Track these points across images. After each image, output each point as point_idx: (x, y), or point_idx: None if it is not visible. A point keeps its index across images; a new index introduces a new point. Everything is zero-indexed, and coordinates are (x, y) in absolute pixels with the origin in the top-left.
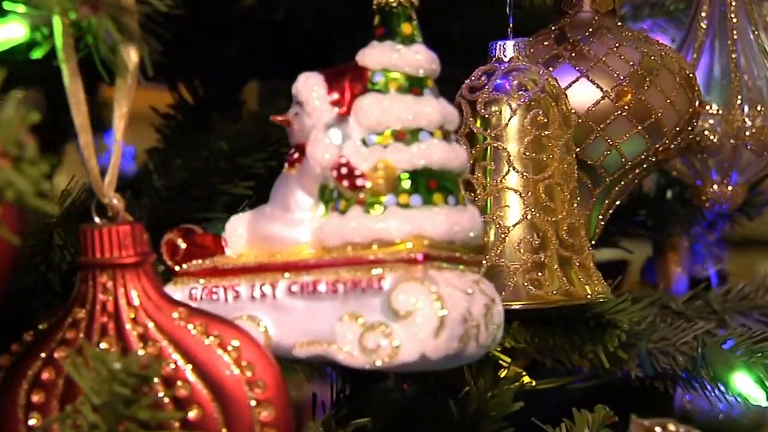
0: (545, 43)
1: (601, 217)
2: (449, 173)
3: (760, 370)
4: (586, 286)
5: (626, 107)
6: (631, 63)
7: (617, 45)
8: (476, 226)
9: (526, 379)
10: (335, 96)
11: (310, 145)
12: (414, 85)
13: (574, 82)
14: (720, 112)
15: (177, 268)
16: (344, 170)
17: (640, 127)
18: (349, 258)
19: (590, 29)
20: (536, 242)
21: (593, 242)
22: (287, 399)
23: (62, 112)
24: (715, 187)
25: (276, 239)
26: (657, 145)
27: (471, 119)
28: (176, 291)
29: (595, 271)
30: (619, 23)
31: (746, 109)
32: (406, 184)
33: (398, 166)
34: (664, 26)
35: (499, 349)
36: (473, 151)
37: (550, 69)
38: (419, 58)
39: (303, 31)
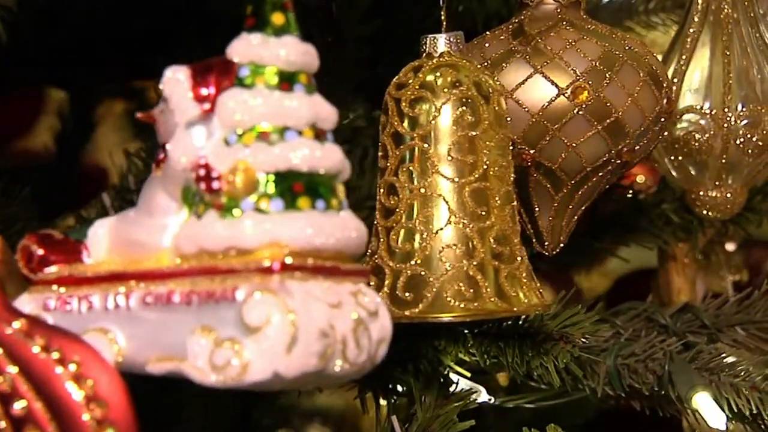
0: (501, 38)
1: (565, 222)
2: (320, 176)
3: (726, 391)
4: (517, 298)
5: (583, 105)
6: (589, 58)
7: (576, 39)
8: (349, 234)
9: (481, 396)
10: (202, 91)
11: (171, 144)
12: (284, 81)
13: (527, 78)
14: (712, 111)
15: (33, 275)
16: (202, 172)
17: (599, 127)
18: (204, 267)
19: (550, 23)
20: (461, 250)
21: (557, 250)
22: (131, 418)
23: None
24: (712, 192)
25: (138, 246)
26: (619, 147)
27: (396, 118)
28: (31, 301)
29: (529, 282)
30: (585, 16)
31: (739, 108)
32: (268, 187)
33: (259, 167)
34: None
35: (453, 362)
36: (397, 152)
37: (504, 65)
38: (289, 51)
39: None
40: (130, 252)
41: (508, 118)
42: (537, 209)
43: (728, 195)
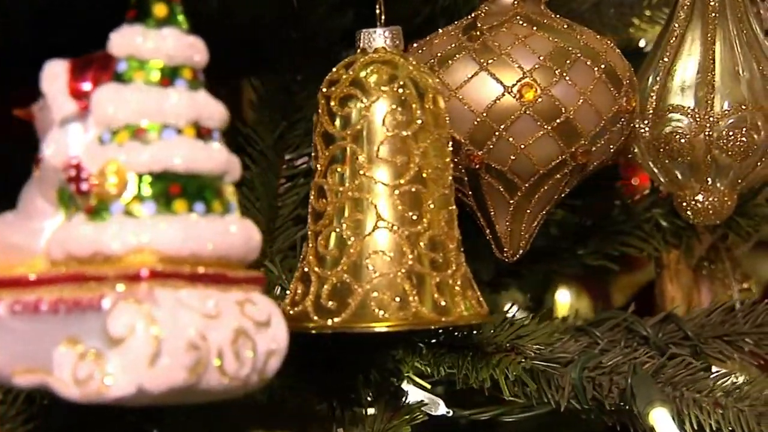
0: (451, 34)
1: (524, 227)
2: (200, 177)
3: (689, 407)
4: (447, 308)
5: (530, 105)
6: (538, 55)
7: (527, 35)
8: (233, 239)
9: (438, 409)
10: (80, 87)
11: (45, 142)
12: (165, 76)
13: (473, 76)
14: (695, 110)
15: None
16: (73, 172)
17: (548, 128)
18: (72, 274)
19: (504, 17)
20: (389, 257)
21: (517, 257)
22: None
23: None
24: (698, 196)
25: (15, 250)
26: (573, 148)
27: (326, 117)
28: None
29: (464, 291)
30: (545, 10)
31: (724, 107)
32: (142, 189)
33: (132, 168)
34: None
35: (411, 372)
36: (327, 153)
37: (450, 62)
38: (170, 45)
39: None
40: (7, 256)
41: (447, 118)
42: (493, 214)
43: (715, 199)
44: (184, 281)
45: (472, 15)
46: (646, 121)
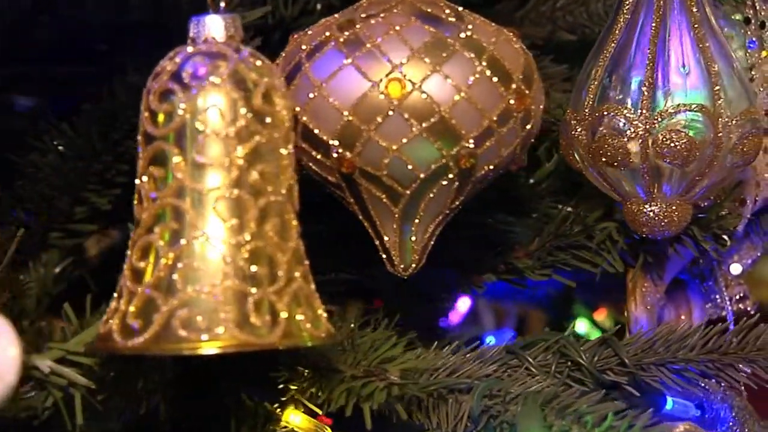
0: (327, 23)
1: (414, 239)
2: None
3: None
4: (263, 329)
5: (399, 102)
6: (411, 46)
7: (403, 24)
8: None
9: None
10: None
11: None
12: None
13: (338, 70)
14: (632, 111)
15: None
16: None
17: (421, 127)
18: None
19: (387, 5)
20: (202, 271)
21: (410, 271)
22: None
23: None
24: (647, 207)
25: None
26: (454, 151)
27: (146, 114)
28: None
29: (294, 309)
30: None
31: (663, 107)
32: None
33: None
34: None
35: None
36: (145, 154)
37: (317, 55)
38: None
39: None
40: None
41: (287, 117)
42: (378, 224)
43: (665, 210)
44: None
45: (358, 3)
46: (582, 123)
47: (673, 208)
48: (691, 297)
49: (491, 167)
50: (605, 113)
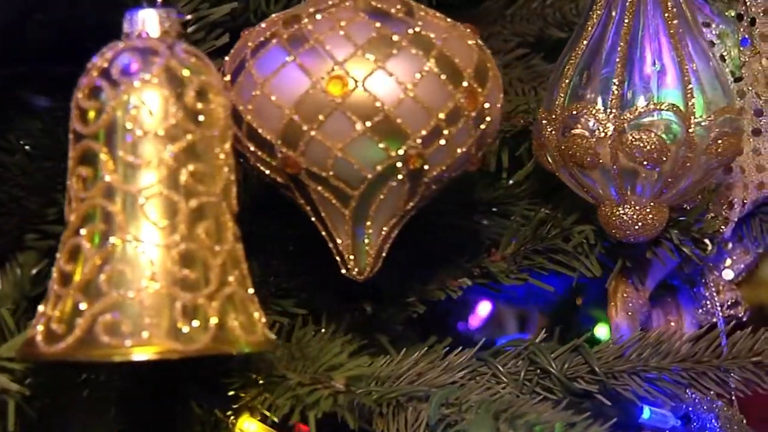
0: (274, 19)
1: (368, 242)
2: None
3: None
4: (196, 334)
5: (341, 100)
6: (355, 42)
7: (349, 20)
8: None
9: None
10: None
11: None
12: None
13: (280, 67)
14: (600, 111)
15: None
16: None
17: (364, 126)
18: None
19: (337, 0)
20: (127, 274)
21: (364, 275)
22: None
23: None
24: (620, 209)
25: None
26: (401, 151)
27: (76, 111)
28: None
29: (226, 315)
30: None
31: (633, 105)
32: None
33: None
34: None
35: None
36: (73, 153)
37: (261, 51)
38: None
39: None
40: None
41: (223, 115)
42: (331, 226)
43: (639, 213)
44: None
45: None
46: (553, 123)
47: (648, 210)
48: (682, 303)
49: (443, 168)
50: (574, 112)
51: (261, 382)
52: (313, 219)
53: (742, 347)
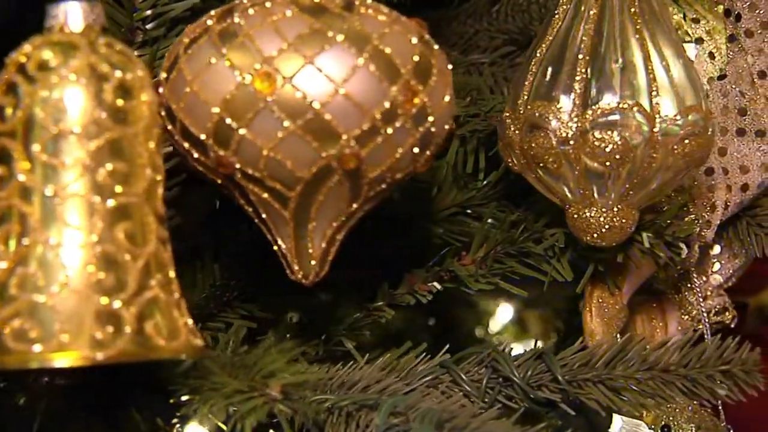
0: (209, 15)
1: (311, 246)
2: None
3: None
4: (110, 340)
5: (269, 97)
6: (285, 38)
7: (282, 14)
8: None
9: None
10: None
11: None
12: None
13: (209, 65)
14: (562, 110)
15: None
16: None
17: (294, 124)
18: None
19: None
20: (37, 278)
21: (311, 279)
22: None
23: None
24: (587, 212)
25: None
26: (335, 151)
27: None
28: None
29: (144, 320)
30: None
31: (595, 104)
32: None
33: None
34: None
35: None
36: None
37: (192, 47)
38: None
39: None
40: None
41: (146, 113)
42: (273, 229)
43: (607, 216)
44: None
45: None
46: (516, 122)
47: (615, 212)
48: (667, 309)
49: (384, 169)
50: (537, 112)
51: (205, 389)
52: (256, 221)
53: (709, 356)
